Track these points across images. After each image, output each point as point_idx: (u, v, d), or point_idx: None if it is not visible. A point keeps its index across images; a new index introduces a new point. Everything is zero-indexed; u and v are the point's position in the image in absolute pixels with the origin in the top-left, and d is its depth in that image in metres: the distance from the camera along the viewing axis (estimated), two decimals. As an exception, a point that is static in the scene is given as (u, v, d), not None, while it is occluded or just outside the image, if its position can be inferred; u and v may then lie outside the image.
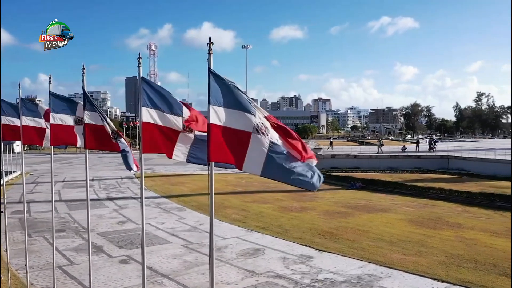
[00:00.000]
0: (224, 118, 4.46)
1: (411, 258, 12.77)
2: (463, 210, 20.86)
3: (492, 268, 11.94)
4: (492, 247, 14.11)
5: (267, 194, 25.31)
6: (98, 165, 45.23)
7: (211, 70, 4.50)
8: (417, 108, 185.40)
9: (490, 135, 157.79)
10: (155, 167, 41.59)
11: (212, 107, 4.48)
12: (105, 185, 29.04)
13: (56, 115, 7.45)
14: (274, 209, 20.49)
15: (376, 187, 27.87)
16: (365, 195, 25.64)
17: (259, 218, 18.45)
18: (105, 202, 22.19)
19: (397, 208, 21.02)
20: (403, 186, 27.01)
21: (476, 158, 38.11)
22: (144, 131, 5.48)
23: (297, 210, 20.41)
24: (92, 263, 12.19)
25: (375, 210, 20.45)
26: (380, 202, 22.84)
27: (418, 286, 10.57)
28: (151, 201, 22.57)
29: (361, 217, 18.89)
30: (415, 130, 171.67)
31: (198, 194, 25.05)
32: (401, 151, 48.81)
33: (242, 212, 19.71)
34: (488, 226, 17.28)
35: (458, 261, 12.49)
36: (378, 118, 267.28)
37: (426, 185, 26.54)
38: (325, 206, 21.33)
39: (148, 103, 5.48)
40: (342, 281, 10.92)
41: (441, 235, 15.63)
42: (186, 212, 20.06)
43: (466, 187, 26.43)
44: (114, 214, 19.20)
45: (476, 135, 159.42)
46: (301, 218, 18.47)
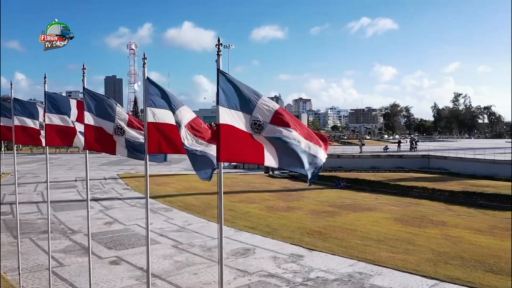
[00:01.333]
0: (235, 119, 4.51)
1: (399, 256, 12.98)
2: (446, 209, 21.29)
3: (478, 265, 12.21)
4: (477, 245, 14.44)
5: (253, 194, 25.38)
6: (80, 166, 44.51)
7: (220, 71, 4.53)
8: (396, 108, 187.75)
9: (467, 135, 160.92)
10: (139, 167, 41.17)
11: (221, 108, 4.52)
12: (89, 186, 28.65)
13: (51, 115, 7.36)
14: (262, 209, 20.57)
15: (361, 186, 28.24)
16: (350, 194, 25.94)
17: (247, 218, 18.49)
18: (90, 203, 21.88)
19: (382, 207, 21.33)
20: (387, 185, 27.43)
21: (456, 158, 38.93)
22: (150, 131, 5.48)
23: (284, 209, 20.52)
24: (81, 265, 12.20)
25: (361, 209, 20.71)
26: (365, 201, 23.14)
27: (408, 283, 10.74)
28: (137, 201, 22.41)
29: (347, 216, 19.10)
30: (394, 130, 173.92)
31: (184, 194, 24.97)
32: (383, 151, 49.48)
33: (229, 212, 19.71)
34: (471, 224, 17.68)
35: (445, 258, 12.74)
36: (358, 118, 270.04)
37: (409, 184, 27.01)
38: (311, 206, 21.50)
39: (153, 103, 5.48)
40: (334, 279, 11.03)
41: (427, 233, 15.93)
42: (173, 212, 19.98)
43: (448, 186, 26.99)
44: (100, 215, 18.99)
45: (453, 135, 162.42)
46: (289, 218, 18.59)
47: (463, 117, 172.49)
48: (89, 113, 6.44)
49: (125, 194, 24.96)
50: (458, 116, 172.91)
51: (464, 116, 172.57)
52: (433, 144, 68.89)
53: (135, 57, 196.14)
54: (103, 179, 32.46)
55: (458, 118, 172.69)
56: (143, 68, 5.50)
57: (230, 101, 4.50)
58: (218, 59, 4.54)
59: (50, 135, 7.46)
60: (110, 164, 45.02)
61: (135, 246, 14.19)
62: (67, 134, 7.48)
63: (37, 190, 26.16)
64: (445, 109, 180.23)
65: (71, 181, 30.82)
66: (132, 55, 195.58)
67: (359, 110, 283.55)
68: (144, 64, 5.50)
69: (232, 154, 4.63)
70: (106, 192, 25.79)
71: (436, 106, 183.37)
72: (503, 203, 21.62)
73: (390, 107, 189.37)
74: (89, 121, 6.46)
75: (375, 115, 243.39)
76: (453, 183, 29.18)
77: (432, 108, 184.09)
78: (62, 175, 34.13)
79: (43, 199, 22.96)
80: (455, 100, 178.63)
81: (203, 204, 21.72)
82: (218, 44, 4.53)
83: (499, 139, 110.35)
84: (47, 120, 7.42)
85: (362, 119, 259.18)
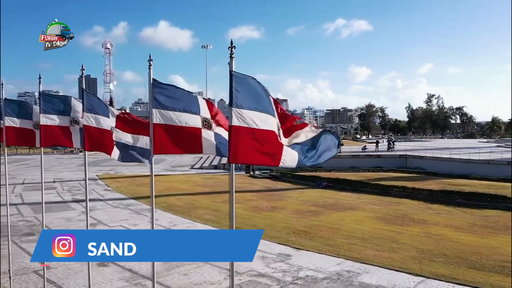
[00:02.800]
0: (248, 120, 4.57)
1: (385, 254, 13.25)
2: (426, 207, 21.79)
3: (461, 261, 12.58)
4: (458, 242, 14.86)
5: (236, 194, 25.10)
6: (58, 167, 43.72)
7: (232, 73, 4.60)
8: (372, 109, 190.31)
9: (440, 135, 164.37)
10: (117, 168, 40.73)
11: (234, 109, 4.58)
12: (68, 187, 28.21)
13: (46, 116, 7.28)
14: (246, 209, 20.63)
15: (342, 186, 28.62)
16: (332, 194, 26.25)
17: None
18: (71, 205, 21.58)
19: (364, 206, 21.68)
20: (367, 185, 27.87)
21: (433, 158, 39.85)
22: (155, 133, 5.50)
23: (268, 209, 20.65)
24: (68, 267, 12.04)
25: (344, 209, 21.00)
26: (347, 201, 23.47)
27: (395, 281, 10.98)
28: (120, 202, 22.16)
29: (331, 215, 19.35)
30: (370, 131, 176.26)
31: (167, 195, 24.80)
32: (361, 151, 50.20)
33: (214, 212, 19.72)
34: (451, 222, 18.16)
35: (429, 256, 13.07)
36: (334, 119, 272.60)
37: (389, 183, 27.53)
38: (295, 205, 21.69)
39: (158, 104, 5.50)
40: (323, 278, 11.18)
41: (409, 232, 16.29)
42: (157, 213, 19.80)
43: (426, 185, 27.61)
44: (83, 217, 18.67)
45: (426, 135, 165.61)
46: (274, 218, 18.72)
47: (436, 117, 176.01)
48: (89, 114, 6.41)
49: (106, 195, 24.65)
50: (431, 116, 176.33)
51: (437, 117, 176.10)
52: (409, 144, 70.26)
53: (110, 56, 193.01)
54: (82, 180, 31.89)
55: (431, 118, 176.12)
56: (148, 70, 5.51)
57: (246, 102, 4.57)
58: (231, 61, 4.60)
59: (45, 135, 7.37)
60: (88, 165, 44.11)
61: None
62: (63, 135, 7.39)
63: (15, 192, 25.57)
64: (419, 110, 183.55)
65: (49, 182, 30.23)
66: (108, 54, 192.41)
67: (335, 110, 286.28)
68: (150, 66, 5.52)
69: (243, 156, 4.69)
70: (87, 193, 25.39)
71: (410, 106, 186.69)
72: (480, 202, 22.29)
73: (365, 108, 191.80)
74: (89, 122, 6.43)
75: (351, 116, 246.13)
76: (431, 182, 29.87)
77: (406, 108, 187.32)
78: (39, 177, 33.29)
79: (22, 201, 22.51)
80: (428, 101, 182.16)
81: (187, 204, 21.66)
82: (231, 47, 4.59)
83: (471, 139, 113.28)
84: (42, 121, 7.32)
85: (338, 119, 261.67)
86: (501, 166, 35.65)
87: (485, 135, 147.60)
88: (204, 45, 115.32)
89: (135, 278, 11.24)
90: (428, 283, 10.76)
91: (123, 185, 29.27)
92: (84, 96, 6.39)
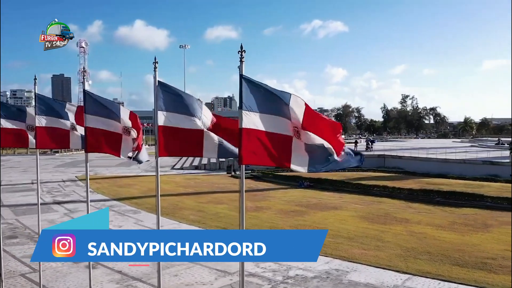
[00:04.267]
0: (259, 122, 4.66)
1: (371, 253, 13.50)
2: (407, 206, 22.25)
3: (445, 259, 12.92)
4: (441, 240, 15.25)
5: (219, 195, 25.45)
6: (35, 168, 42.68)
7: (243, 76, 4.68)
8: (348, 109, 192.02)
9: (414, 135, 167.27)
10: (97, 169, 40.17)
11: (244, 112, 4.66)
12: (48, 189, 27.68)
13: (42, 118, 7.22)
14: (231, 209, 20.66)
15: (323, 186, 28.93)
16: (314, 193, 26.52)
17: (218, 219, 18.55)
18: (53, 206, 21.23)
19: (347, 206, 22.00)
20: (349, 184, 28.26)
21: (411, 157, 40.62)
22: (160, 135, 5.53)
23: (253, 209, 20.73)
24: (56, 270, 11.89)
25: (327, 208, 21.27)
26: (330, 200, 23.76)
27: (383, 279, 11.22)
28: (102, 204, 21.90)
29: (315, 215, 19.58)
30: (346, 131, 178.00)
31: (150, 196, 24.58)
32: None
33: (199, 213, 19.71)
34: (432, 221, 18.60)
35: (414, 254, 13.39)
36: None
37: (370, 183, 27.97)
38: (279, 205, 21.85)
39: (163, 106, 5.54)
40: (313, 276, 11.34)
41: (393, 230, 16.63)
42: (141, 214, 19.69)
43: (405, 184, 28.15)
44: (66, 219, 18.42)
45: (401, 135, 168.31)
46: (260, 218, 18.82)
47: (411, 117, 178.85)
48: (91, 115, 6.39)
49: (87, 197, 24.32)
50: (406, 117, 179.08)
51: (411, 117, 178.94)
52: (386, 144, 71.42)
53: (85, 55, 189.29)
54: (61, 181, 31.39)
55: (406, 119, 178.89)
56: (154, 72, 5.55)
57: (256, 105, 4.65)
58: (241, 65, 4.69)
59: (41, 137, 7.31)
60: (66, 166, 43.51)
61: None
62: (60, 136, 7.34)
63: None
64: (394, 110, 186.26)
65: (27, 183, 29.62)
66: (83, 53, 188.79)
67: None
68: (155, 68, 5.55)
69: (253, 157, 4.78)
70: (68, 195, 25.01)
71: (385, 107, 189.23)
72: (458, 200, 22.89)
73: (342, 108, 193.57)
74: (91, 124, 6.41)
75: (328, 116, 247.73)
76: (410, 181, 30.47)
77: (382, 109, 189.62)
78: (16, 178, 32.70)
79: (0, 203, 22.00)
80: (403, 102, 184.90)
81: (171, 205, 21.55)
82: (241, 51, 4.68)
83: (445, 139, 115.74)
84: (37, 122, 7.26)
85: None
86: (476, 166, 36.69)
87: (458, 135, 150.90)
88: (182, 45, 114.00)
89: (126, 280, 11.19)
90: (415, 280, 11.03)
91: (104, 186, 28.90)
92: (86, 98, 6.36)
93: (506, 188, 27.35)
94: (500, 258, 12.97)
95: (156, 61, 5.56)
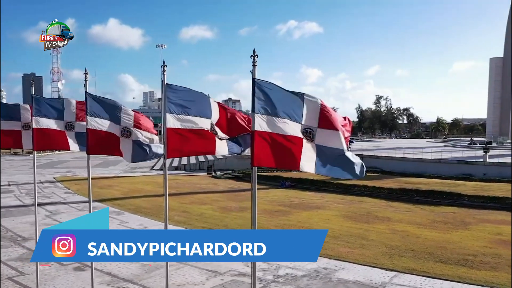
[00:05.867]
0: (271, 125, 4.78)
1: (357, 251, 13.78)
2: (388, 205, 22.72)
3: (428, 256, 13.30)
4: (423, 238, 15.67)
5: (202, 195, 25.44)
6: (10, 169, 41.77)
7: (255, 80, 4.80)
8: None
9: (388, 135, 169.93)
10: (74, 170, 39.56)
11: (256, 115, 4.78)
12: (26, 190, 27.11)
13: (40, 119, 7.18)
14: (215, 210, 20.73)
15: (305, 186, 29.25)
16: (296, 193, 26.79)
17: (203, 219, 18.58)
18: (33, 208, 20.78)
19: (330, 205, 22.32)
20: (329, 184, 28.62)
21: (388, 157, 41.35)
22: (169, 137, 5.60)
23: (237, 210, 20.83)
24: (43, 273, 11.73)
25: (311, 208, 21.53)
26: (312, 200, 24.05)
27: (371, 276, 11.47)
28: (84, 205, 21.61)
29: (300, 214, 19.81)
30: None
31: (132, 197, 24.46)
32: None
33: (184, 213, 19.69)
34: (413, 219, 19.06)
35: (399, 252, 13.73)
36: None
37: (350, 182, 28.34)
38: (263, 206, 21.97)
39: (172, 109, 5.61)
40: (302, 275, 11.51)
41: (376, 229, 16.97)
42: (125, 216, 19.55)
43: (385, 184, 28.71)
44: (48, 221, 18.16)
45: (376, 135, 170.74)
46: (245, 218, 18.91)
47: (385, 118, 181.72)
48: (93, 117, 6.40)
49: (68, 198, 23.97)
50: (380, 117, 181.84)
51: (385, 117, 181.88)
52: (363, 144, 72.45)
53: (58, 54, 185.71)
54: (39, 182, 30.79)
55: (380, 119, 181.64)
56: (162, 75, 5.61)
57: (268, 108, 4.78)
58: (254, 69, 4.80)
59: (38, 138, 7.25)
60: (43, 167, 42.72)
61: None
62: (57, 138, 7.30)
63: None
64: (368, 111, 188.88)
65: (4, 185, 28.96)
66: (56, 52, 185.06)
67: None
68: (164, 72, 5.62)
69: (264, 159, 4.90)
70: (47, 197, 24.58)
71: (360, 107, 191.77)
72: (437, 199, 23.52)
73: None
74: (93, 126, 6.41)
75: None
76: (389, 181, 31.08)
77: (357, 109, 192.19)
78: (-10, 179, 31.92)
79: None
80: (377, 102, 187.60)
81: (154, 206, 21.45)
82: (253, 56, 4.80)
83: (418, 139, 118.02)
84: (34, 124, 7.20)
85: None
86: (451, 165, 37.69)
87: (430, 135, 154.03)
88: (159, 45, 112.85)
89: (116, 281, 11.13)
90: (402, 277, 11.32)
91: (84, 187, 28.44)
92: (88, 100, 6.36)
93: (481, 187, 28.25)
94: (480, 255, 13.44)
95: (164, 64, 5.62)
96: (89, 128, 6.41)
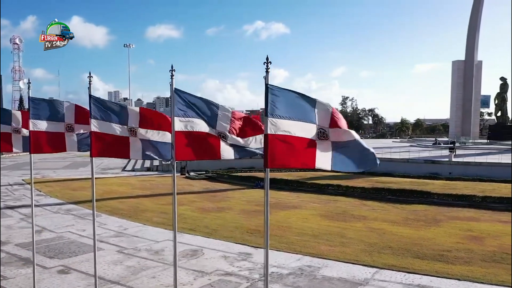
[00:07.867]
0: (285, 128, 5.01)
1: (337, 249, 14.17)
2: (362, 204, 23.35)
3: (406, 252, 13.84)
4: (398, 235, 16.24)
5: (178, 196, 25.18)
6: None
7: (268, 85, 5.03)
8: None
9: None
10: (44, 172, 38.59)
11: (269, 119, 5.00)
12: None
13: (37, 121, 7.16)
14: (193, 211, 20.77)
15: (279, 186, 29.59)
16: (271, 193, 26.66)
17: (182, 220, 18.57)
18: (6, 212, 20.32)
19: (306, 205, 22.75)
20: (304, 184, 29.11)
21: (358, 157, 42.21)
22: (177, 140, 5.75)
23: (215, 210, 20.95)
24: (26, 276, 11.57)
25: (288, 207, 21.88)
26: (288, 200, 24.41)
27: (354, 272, 11.84)
28: (59, 208, 21.24)
29: (278, 214, 20.09)
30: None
31: (107, 198, 24.15)
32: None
33: (162, 214, 19.64)
34: (387, 217, 19.71)
35: (377, 249, 14.21)
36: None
37: (324, 182, 28.96)
38: (240, 206, 22.19)
39: (180, 113, 5.76)
40: (288, 273, 11.77)
41: (353, 227, 17.46)
42: (102, 217, 19.31)
43: (357, 183, 29.42)
44: (24, 224, 17.77)
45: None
46: (224, 218, 19.07)
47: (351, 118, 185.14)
48: (96, 120, 6.45)
49: (41, 201, 23.43)
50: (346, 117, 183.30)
51: (351, 118, 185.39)
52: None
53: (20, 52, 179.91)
54: (8, 185, 29.97)
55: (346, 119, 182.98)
56: (171, 79, 5.75)
57: (280, 112, 5.00)
58: (267, 76, 5.02)
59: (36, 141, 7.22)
60: (9, 169, 41.40)
61: (78, 253, 13.69)
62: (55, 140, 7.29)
63: None
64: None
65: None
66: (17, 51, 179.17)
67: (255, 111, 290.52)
68: (172, 76, 5.76)
69: (278, 160, 5.12)
70: (19, 199, 23.96)
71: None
72: (408, 198, 24.37)
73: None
74: (96, 128, 6.47)
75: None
76: (360, 180, 31.84)
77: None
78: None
79: None
80: (343, 103, 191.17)
81: (131, 208, 21.32)
82: (266, 62, 5.03)
83: (384, 139, 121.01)
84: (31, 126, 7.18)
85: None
86: (419, 164, 39.04)
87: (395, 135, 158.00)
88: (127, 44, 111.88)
89: (104, 283, 11.07)
90: (383, 273, 11.74)
91: (56, 189, 27.92)
92: (91, 102, 6.40)
93: (448, 185, 29.38)
94: (454, 250, 14.10)
95: (173, 69, 5.75)
96: (93, 131, 6.45)
